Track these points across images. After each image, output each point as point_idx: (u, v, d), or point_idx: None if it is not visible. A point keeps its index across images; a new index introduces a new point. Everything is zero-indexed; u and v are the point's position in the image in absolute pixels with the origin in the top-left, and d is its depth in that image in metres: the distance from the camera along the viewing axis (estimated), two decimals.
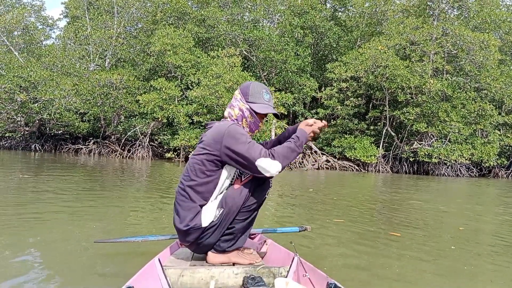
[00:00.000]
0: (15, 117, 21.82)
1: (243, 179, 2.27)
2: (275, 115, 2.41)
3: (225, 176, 2.25)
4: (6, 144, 23.67)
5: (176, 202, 2.29)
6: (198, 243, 2.24)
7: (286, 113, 22.42)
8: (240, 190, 2.22)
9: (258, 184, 2.27)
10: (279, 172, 2.15)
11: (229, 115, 2.38)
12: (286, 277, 2.09)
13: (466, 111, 20.99)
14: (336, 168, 21.46)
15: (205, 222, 2.18)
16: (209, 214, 2.19)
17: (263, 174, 2.13)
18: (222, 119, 2.43)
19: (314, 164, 21.11)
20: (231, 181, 2.32)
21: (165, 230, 3.82)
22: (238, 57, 20.19)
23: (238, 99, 2.38)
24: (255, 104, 2.34)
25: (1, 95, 20.23)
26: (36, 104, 20.40)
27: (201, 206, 2.22)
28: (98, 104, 20.53)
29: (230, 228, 2.26)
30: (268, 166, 2.11)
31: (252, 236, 2.83)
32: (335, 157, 22.17)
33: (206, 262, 2.31)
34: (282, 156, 2.15)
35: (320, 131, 2.41)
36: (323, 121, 2.45)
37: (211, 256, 2.29)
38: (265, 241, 2.65)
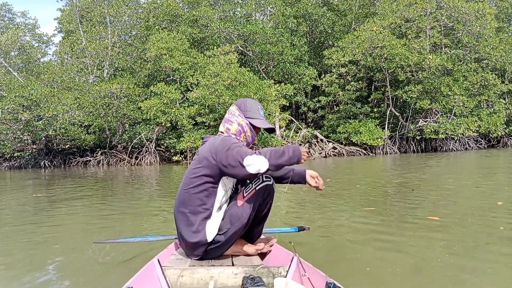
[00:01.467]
0: (21, 136, 22.00)
1: (245, 195, 2.28)
2: (271, 129, 2.49)
3: (222, 189, 2.29)
4: (16, 164, 23.90)
5: (177, 213, 2.33)
6: (206, 255, 2.31)
7: (288, 104, 22.39)
8: (244, 208, 2.26)
9: (263, 198, 2.31)
10: (267, 170, 2.09)
11: (227, 130, 2.42)
12: (286, 277, 2.07)
13: (468, 83, 20.83)
14: (343, 155, 21.43)
15: (210, 237, 2.24)
16: (213, 228, 2.25)
17: (250, 171, 2.08)
18: (218, 134, 2.47)
19: (321, 153, 21.11)
20: (230, 194, 2.36)
21: (167, 231, 3.85)
22: (234, 53, 20.18)
23: (236, 115, 2.44)
24: (254, 119, 2.43)
25: (5, 116, 20.40)
26: (41, 121, 20.55)
27: (203, 220, 2.25)
28: (101, 115, 20.66)
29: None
30: (254, 163, 2.07)
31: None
32: (341, 143, 22.14)
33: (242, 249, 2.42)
34: (269, 154, 2.11)
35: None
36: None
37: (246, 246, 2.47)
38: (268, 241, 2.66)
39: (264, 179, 2.29)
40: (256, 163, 2.07)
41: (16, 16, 34.09)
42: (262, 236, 2.68)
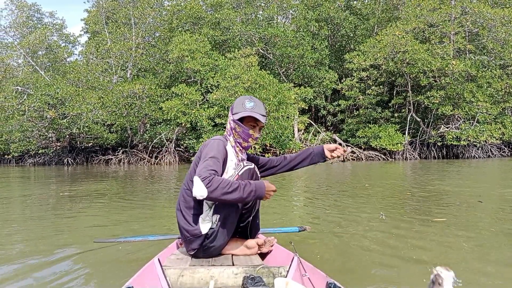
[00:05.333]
0: (46, 133, 22.64)
1: None
2: (257, 118, 2.41)
3: None
4: (40, 161, 24.58)
5: (176, 210, 2.44)
6: (204, 250, 2.35)
7: (307, 107, 22.37)
8: None
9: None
10: (204, 198, 2.05)
11: (226, 130, 2.53)
12: (286, 277, 2.07)
13: (492, 89, 20.39)
14: (362, 159, 21.26)
15: (204, 230, 2.30)
16: (206, 222, 2.31)
17: (193, 190, 2.09)
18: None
19: (339, 157, 20.95)
20: None
21: (171, 232, 3.87)
22: (254, 56, 20.29)
23: (228, 115, 2.53)
24: (236, 114, 2.42)
25: (31, 113, 21.03)
26: (65, 119, 21.12)
27: (196, 215, 2.34)
28: (124, 114, 21.07)
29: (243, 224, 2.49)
30: (196, 186, 2.05)
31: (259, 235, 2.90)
32: (360, 147, 21.97)
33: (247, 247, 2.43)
34: (216, 185, 2.04)
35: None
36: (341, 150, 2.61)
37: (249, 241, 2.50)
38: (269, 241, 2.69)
39: (245, 164, 2.34)
40: (196, 187, 2.05)
41: (44, 16, 35.13)
42: (262, 236, 2.73)
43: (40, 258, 3.06)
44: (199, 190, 2.04)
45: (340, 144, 21.88)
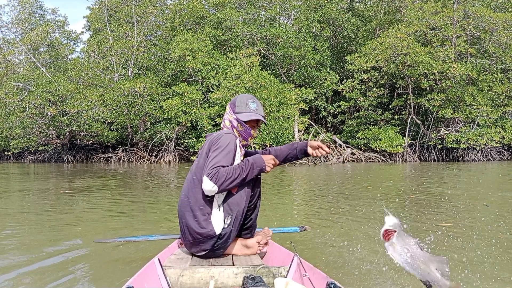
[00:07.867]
0: (46, 130, 22.65)
1: None
2: (260, 121, 2.51)
3: None
4: (40, 158, 24.59)
5: (184, 210, 2.35)
6: (215, 250, 2.32)
7: (307, 108, 22.38)
8: (239, 193, 2.30)
9: (254, 181, 2.39)
10: (216, 192, 2.21)
11: (224, 126, 2.54)
12: (286, 277, 2.07)
13: (493, 93, 20.39)
14: (362, 161, 21.26)
15: (217, 230, 2.26)
16: (218, 221, 2.28)
17: (203, 187, 2.22)
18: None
19: (339, 158, 21.00)
20: None
21: (171, 231, 3.87)
22: (256, 56, 20.28)
23: (227, 112, 2.52)
24: (241, 114, 2.45)
25: (32, 110, 21.05)
26: (66, 117, 21.12)
27: (207, 214, 2.29)
28: (124, 112, 21.06)
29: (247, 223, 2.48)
30: (205, 185, 2.19)
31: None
32: (360, 149, 21.96)
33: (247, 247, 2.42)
34: (223, 178, 2.18)
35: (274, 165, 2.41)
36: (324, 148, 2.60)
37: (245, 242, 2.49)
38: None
39: None
40: (205, 186, 2.19)
41: (47, 13, 35.08)
42: (258, 229, 2.75)
43: (39, 257, 3.05)
44: (209, 187, 2.18)
45: (340, 145, 21.88)
